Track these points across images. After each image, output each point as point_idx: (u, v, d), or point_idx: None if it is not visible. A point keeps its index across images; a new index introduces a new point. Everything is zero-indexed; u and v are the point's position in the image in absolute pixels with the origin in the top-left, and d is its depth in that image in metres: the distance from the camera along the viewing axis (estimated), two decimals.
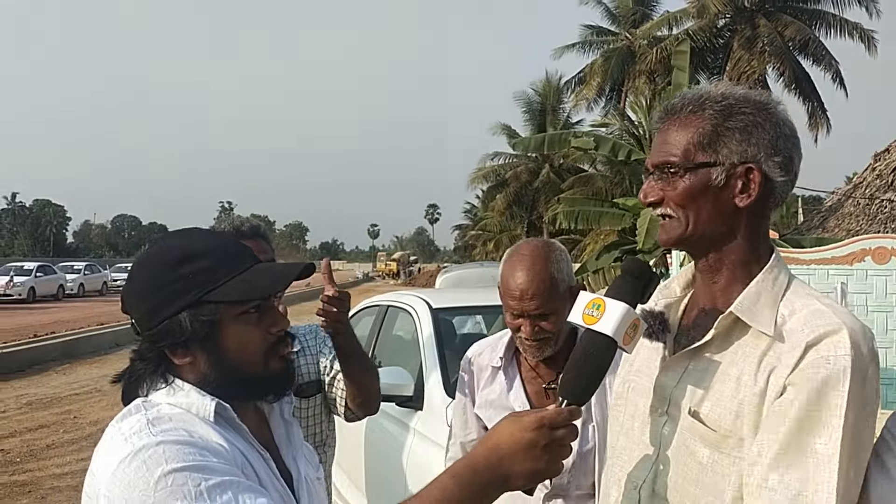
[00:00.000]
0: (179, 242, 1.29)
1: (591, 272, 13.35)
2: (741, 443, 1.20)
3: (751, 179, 1.26)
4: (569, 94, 31.96)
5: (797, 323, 1.22)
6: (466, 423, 2.16)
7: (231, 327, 1.24)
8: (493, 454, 1.14)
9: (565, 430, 1.16)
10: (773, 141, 1.26)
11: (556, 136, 14.30)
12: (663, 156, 1.30)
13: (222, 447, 1.17)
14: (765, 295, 1.27)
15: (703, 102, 1.29)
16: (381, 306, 5.35)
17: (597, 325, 1.22)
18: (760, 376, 1.21)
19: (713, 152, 1.27)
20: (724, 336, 1.28)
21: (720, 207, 1.28)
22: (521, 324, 1.95)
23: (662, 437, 1.33)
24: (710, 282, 1.35)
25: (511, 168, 35.76)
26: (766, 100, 1.30)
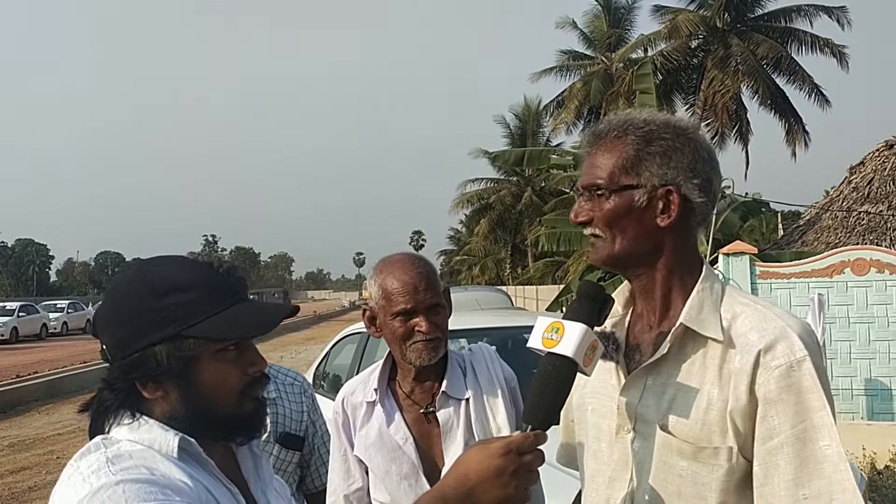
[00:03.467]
0: (163, 271, 1.24)
1: (574, 293, 13.37)
2: (717, 451, 1.27)
3: (671, 201, 1.34)
4: (548, 117, 32.22)
5: (742, 326, 1.30)
6: (349, 472, 2.02)
7: (208, 364, 1.19)
8: (462, 483, 1.13)
9: (532, 456, 1.16)
10: (692, 164, 1.35)
11: (535, 152, 14.41)
12: (591, 178, 1.38)
13: (185, 484, 1.13)
14: (707, 303, 1.34)
15: (627, 128, 1.37)
16: (363, 333, 5.34)
17: (556, 347, 1.23)
18: (723, 385, 1.27)
19: (636, 175, 1.35)
20: (678, 348, 1.34)
21: (644, 227, 1.35)
22: (416, 323, 1.90)
23: (634, 453, 1.35)
24: (648, 297, 1.42)
25: (494, 192, 35.93)
26: (685, 126, 1.38)
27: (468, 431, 1.94)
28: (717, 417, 1.27)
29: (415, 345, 1.92)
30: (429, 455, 1.96)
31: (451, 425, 1.95)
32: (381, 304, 1.95)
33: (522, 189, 34.49)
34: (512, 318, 5.52)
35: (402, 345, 1.94)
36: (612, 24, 29.25)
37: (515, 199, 34.85)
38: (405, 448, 1.94)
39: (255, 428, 1.28)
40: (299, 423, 2.39)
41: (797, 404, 1.22)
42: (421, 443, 1.96)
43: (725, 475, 1.26)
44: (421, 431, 1.97)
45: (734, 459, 1.26)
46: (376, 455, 1.96)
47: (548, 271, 27.99)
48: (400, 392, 2.02)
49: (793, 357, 1.23)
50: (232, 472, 1.27)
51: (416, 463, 1.93)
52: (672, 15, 24.07)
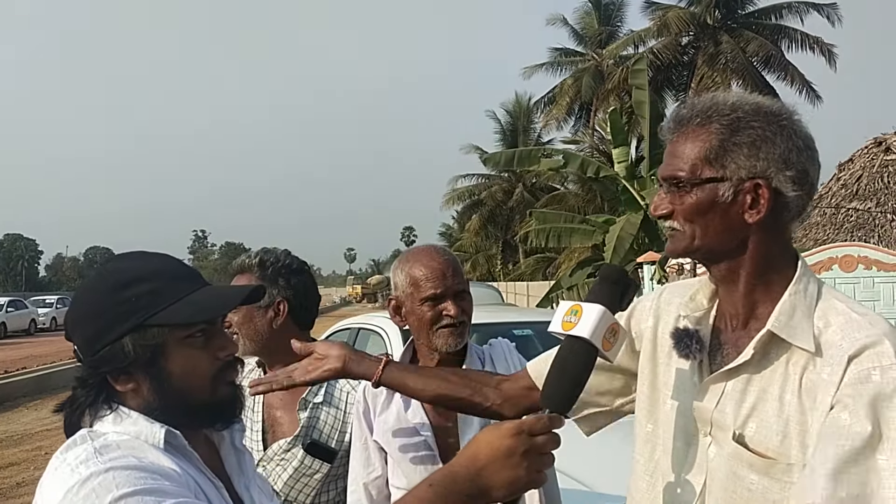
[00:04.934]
0: (123, 265, 1.26)
1: (565, 289, 13.44)
2: (790, 468, 1.17)
3: (760, 195, 1.22)
4: (539, 113, 32.29)
5: (834, 335, 1.19)
6: (369, 460, 2.05)
7: (176, 352, 1.21)
8: (472, 463, 1.12)
9: (545, 438, 1.13)
10: (785, 154, 1.22)
11: (525, 153, 14.37)
12: (671, 170, 1.28)
13: (174, 471, 1.14)
14: (800, 308, 1.23)
15: (711, 115, 1.25)
16: (353, 329, 5.34)
17: (574, 329, 1.19)
18: (805, 394, 1.18)
19: (720, 167, 1.23)
20: (762, 354, 1.24)
21: (728, 223, 1.24)
22: (444, 307, 1.95)
23: (709, 459, 1.28)
24: (729, 291, 1.32)
25: (485, 188, 35.94)
26: (778, 111, 1.25)
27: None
28: (797, 430, 1.17)
29: (442, 329, 1.97)
30: (445, 439, 2.01)
31: None
32: (408, 291, 2.00)
33: (514, 185, 34.51)
34: (502, 314, 5.52)
35: (429, 330, 1.99)
36: (602, 20, 29.33)
37: (507, 195, 34.87)
38: (422, 432, 1.99)
39: (233, 413, 1.28)
40: (337, 433, 2.25)
41: (870, 409, 1.10)
42: (437, 427, 2.01)
43: None
44: (438, 416, 2.02)
45: None
46: (394, 439, 2.01)
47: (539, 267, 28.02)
48: None
49: (878, 363, 1.12)
50: (215, 467, 1.28)
51: (433, 447, 1.98)
52: (662, 11, 24.13)
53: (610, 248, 11.70)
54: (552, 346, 2.31)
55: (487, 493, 1.11)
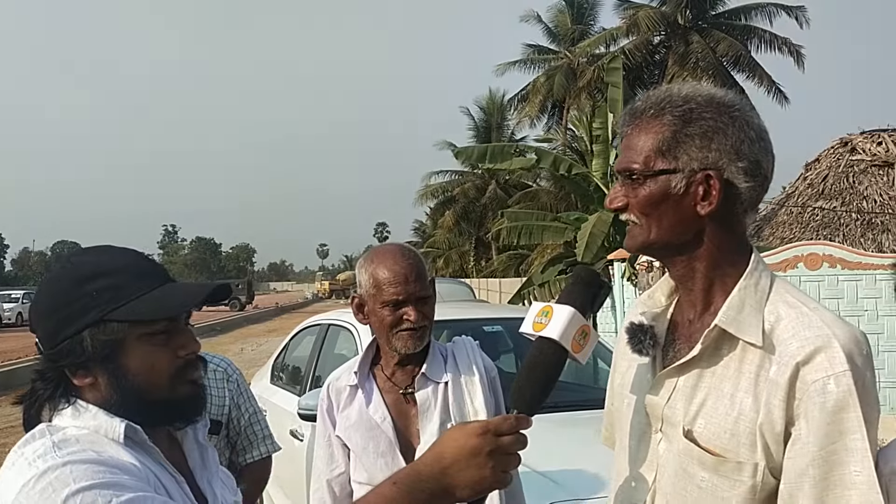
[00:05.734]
0: (88, 259, 1.26)
1: (537, 285, 13.49)
2: (740, 466, 1.17)
3: (711, 186, 1.22)
4: (512, 111, 32.35)
5: (784, 331, 1.19)
6: (332, 457, 2.08)
7: (136, 348, 1.20)
8: (437, 462, 1.11)
9: (512, 438, 1.13)
10: (737, 146, 1.22)
11: (498, 149, 14.34)
12: (626, 162, 1.28)
13: (134, 465, 1.13)
14: (749, 302, 1.23)
15: (664, 107, 1.25)
16: (322, 325, 5.31)
17: (544, 331, 1.19)
18: (758, 395, 1.18)
19: (672, 159, 1.23)
20: (713, 349, 1.24)
21: (682, 215, 1.24)
22: (405, 312, 1.97)
23: (659, 455, 1.29)
24: (686, 289, 1.32)
25: (458, 185, 35.97)
26: (730, 102, 1.26)
27: (445, 412, 2.01)
28: (748, 430, 1.17)
29: (401, 333, 1.99)
30: (405, 434, 2.04)
31: (428, 405, 2.03)
32: (370, 292, 2.01)
33: (487, 182, 34.56)
34: (473, 311, 5.53)
35: (388, 333, 2.00)
36: (575, 18, 29.45)
37: (480, 191, 34.90)
38: (383, 426, 2.01)
39: (194, 412, 1.27)
40: (220, 409, 2.60)
41: (829, 424, 1.11)
42: (398, 422, 2.04)
43: (748, 492, 1.17)
44: (399, 411, 2.05)
45: (759, 476, 1.16)
46: (355, 434, 2.03)
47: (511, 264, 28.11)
48: (381, 375, 2.10)
49: (831, 371, 1.12)
50: (178, 462, 1.27)
51: (393, 441, 2.00)
52: (633, 10, 24.30)
53: (582, 245, 11.76)
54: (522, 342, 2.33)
55: (452, 492, 1.12)
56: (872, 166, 11.71)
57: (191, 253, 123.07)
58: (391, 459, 1.99)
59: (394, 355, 2.05)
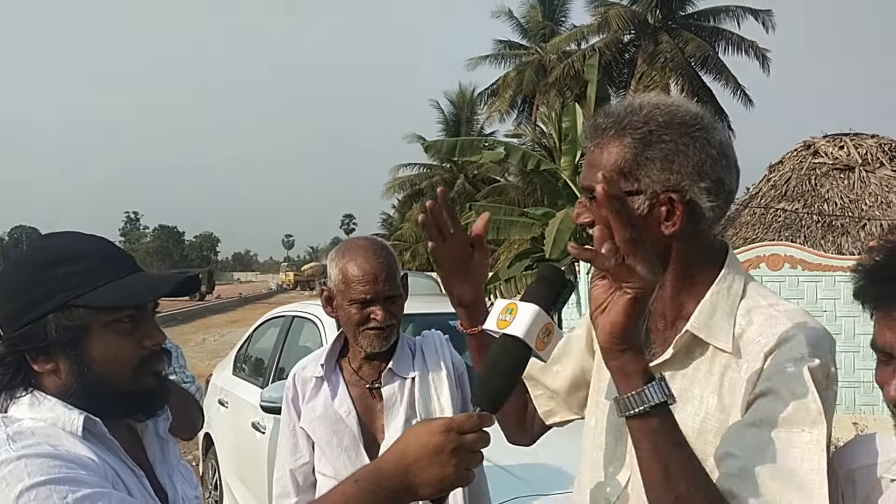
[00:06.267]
0: (54, 244, 1.23)
1: (503, 280, 13.52)
2: (705, 461, 1.17)
3: (675, 207, 1.23)
4: (482, 106, 32.38)
5: (754, 333, 1.21)
6: (296, 447, 2.08)
7: (100, 336, 1.17)
8: (400, 459, 1.10)
9: (475, 436, 1.12)
10: (699, 166, 1.22)
11: (467, 143, 14.31)
12: (589, 181, 1.27)
13: (91, 460, 1.11)
14: (720, 307, 1.25)
15: (625, 127, 1.25)
16: (287, 317, 5.26)
17: (509, 328, 1.19)
18: (723, 395, 1.20)
19: (634, 181, 1.23)
20: (685, 353, 1.26)
21: (647, 234, 1.23)
22: (371, 311, 1.95)
23: (633, 455, 1.27)
24: (659, 295, 1.32)
25: (427, 178, 35.91)
26: (691, 121, 1.25)
27: (411, 408, 2.01)
28: (714, 429, 1.20)
29: (367, 332, 1.98)
30: (370, 429, 2.03)
31: (394, 401, 2.02)
32: (339, 287, 1.99)
33: (455, 176, 34.53)
34: (438, 305, 5.51)
35: (355, 330, 1.99)
36: (546, 14, 29.53)
37: (448, 185, 34.73)
38: (347, 421, 2.00)
39: (156, 405, 1.25)
40: None
41: (786, 391, 1.14)
42: (363, 416, 2.03)
43: None
44: (364, 406, 2.04)
45: None
46: (320, 427, 2.02)
47: None
48: (348, 368, 2.09)
49: (792, 356, 1.16)
50: (137, 456, 1.25)
51: (357, 435, 1.99)
52: (605, 8, 24.44)
53: (549, 240, 11.80)
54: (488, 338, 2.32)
55: (414, 490, 1.10)
56: (834, 169, 11.92)
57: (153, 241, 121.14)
58: (354, 454, 1.98)
59: (360, 350, 2.04)
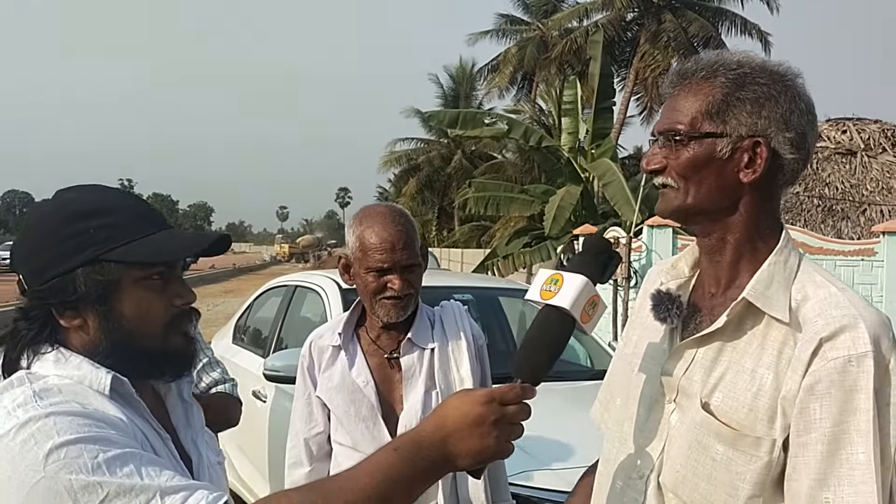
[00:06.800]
0: (83, 196, 1.18)
1: (501, 257, 13.50)
2: (758, 442, 1.16)
3: (757, 154, 1.20)
4: (482, 81, 32.17)
5: (811, 311, 1.18)
6: (311, 416, 2.04)
7: (130, 292, 1.13)
8: (440, 429, 1.07)
9: (516, 408, 1.09)
10: (786, 115, 1.20)
11: (469, 115, 14.19)
12: (669, 123, 1.24)
13: (120, 420, 1.07)
14: (777, 278, 1.21)
15: (717, 69, 1.23)
16: (289, 286, 5.21)
17: (553, 299, 1.15)
18: (780, 371, 1.17)
19: (721, 122, 1.21)
20: (737, 323, 1.22)
21: (723, 181, 1.22)
22: (388, 280, 1.91)
23: (671, 426, 1.27)
24: (713, 261, 1.29)
25: (423, 153, 35.74)
26: (784, 71, 1.23)
27: (430, 379, 1.97)
28: (767, 406, 1.16)
29: (384, 301, 1.93)
30: (388, 399, 1.99)
31: (413, 372, 1.98)
32: (356, 255, 1.94)
33: (452, 151, 34.38)
34: (442, 279, 5.48)
35: (372, 299, 1.94)
36: None
37: (445, 161, 34.72)
38: (365, 391, 1.96)
39: (184, 365, 1.22)
40: None
41: (844, 402, 1.11)
42: (382, 387, 1.99)
43: (763, 468, 1.15)
44: (382, 376, 2.00)
45: (776, 453, 1.15)
46: (337, 396, 1.98)
47: (473, 235, 28.12)
48: (366, 338, 2.04)
49: (854, 351, 1.11)
50: (161, 419, 1.21)
51: (376, 406, 1.95)
52: None
53: (550, 218, 11.78)
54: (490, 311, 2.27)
55: (453, 460, 1.07)
56: (836, 154, 11.90)
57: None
58: (372, 424, 1.95)
59: (378, 320, 2.00)
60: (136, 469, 0.99)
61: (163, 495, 0.97)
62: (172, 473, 1.01)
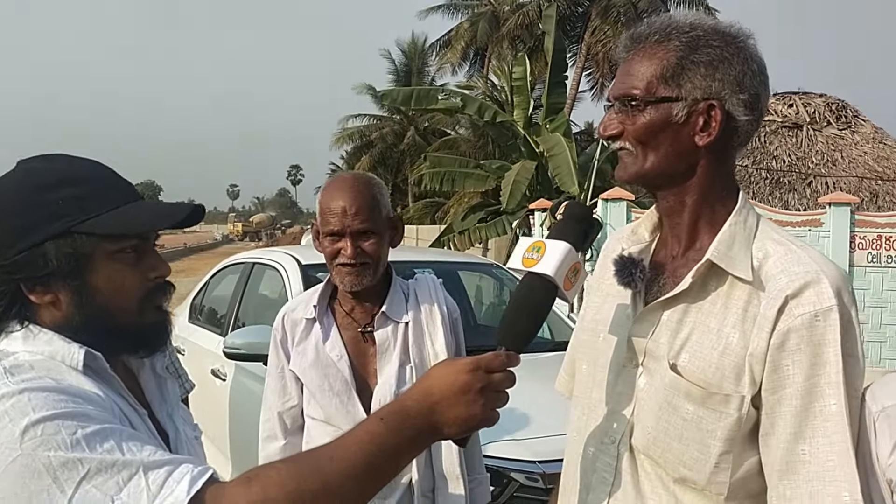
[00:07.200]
0: (51, 166, 1.13)
1: (457, 233, 13.51)
2: (727, 399, 1.18)
3: (712, 117, 1.22)
4: (434, 56, 31.94)
5: (773, 268, 1.20)
6: (284, 389, 2.03)
7: (103, 265, 1.09)
8: (426, 398, 1.07)
9: (502, 375, 1.10)
10: (740, 77, 1.21)
11: (423, 92, 14.05)
12: (625, 88, 1.25)
13: (97, 395, 1.04)
14: (739, 238, 1.24)
15: (670, 32, 1.23)
16: (246, 264, 5.14)
17: (536, 266, 1.16)
18: (746, 330, 1.19)
19: (676, 86, 1.22)
20: (701, 284, 1.24)
21: (679, 145, 1.23)
22: (341, 246, 1.90)
23: (639, 389, 1.28)
24: (673, 224, 1.31)
25: (376, 129, 35.44)
26: (735, 32, 1.24)
27: (404, 353, 1.96)
28: (734, 363, 1.18)
29: (339, 267, 1.91)
30: (362, 373, 1.97)
31: (387, 346, 1.96)
32: (318, 220, 1.95)
33: (405, 128, 34.16)
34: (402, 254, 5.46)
35: (330, 265, 1.94)
36: None
37: (398, 137, 34.48)
38: (339, 365, 1.95)
39: (159, 341, 1.19)
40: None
41: (814, 356, 1.14)
42: (356, 361, 1.98)
43: (733, 424, 1.18)
44: (357, 350, 1.98)
45: (745, 409, 1.18)
46: (310, 370, 1.96)
47: (427, 212, 28.07)
48: (340, 311, 2.02)
49: (819, 306, 1.14)
50: (135, 395, 1.18)
51: (349, 380, 1.94)
52: None
53: (506, 193, 11.80)
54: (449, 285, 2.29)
55: (439, 429, 1.08)
56: (783, 127, 12.15)
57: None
58: (346, 398, 1.93)
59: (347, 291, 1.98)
60: (116, 444, 0.96)
61: (146, 470, 0.95)
62: (154, 448, 0.99)
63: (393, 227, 1.99)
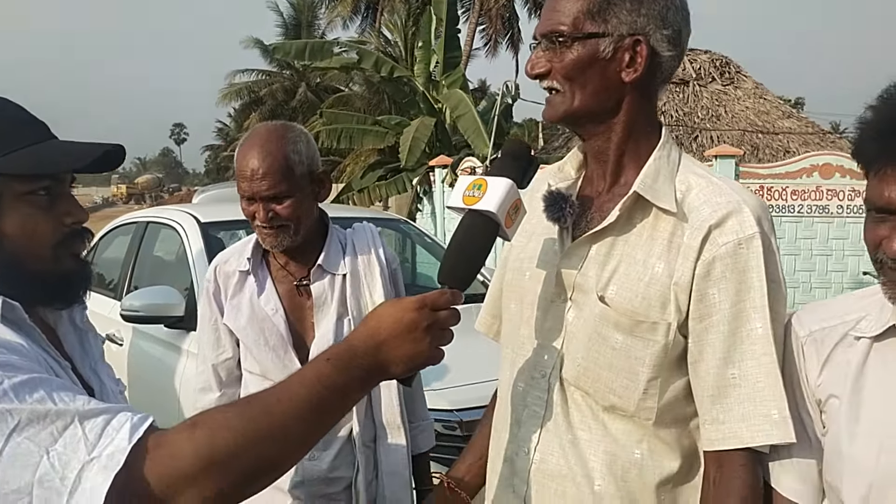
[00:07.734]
0: None
1: (356, 191, 13.35)
2: (655, 327, 1.22)
3: (638, 52, 1.23)
4: (324, 10, 31.13)
5: (696, 199, 1.24)
6: (219, 342, 1.96)
7: (13, 208, 1.01)
8: (373, 336, 1.06)
9: (447, 313, 1.10)
10: (663, 13, 1.23)
11: (317, 45, 13.66)
12: (552, 24, 1.24)
13: (21, 345, 0.96)
14: (663, 172, 1.26)
15: None
16: (139, 224, 4.88)
17: (479, 203, 1.16)
18: (670, 260, 1.22)
19: (602, 22, 1.22)
20: (627, 217, 1.27)
21: (606, 81, 1.24)
22: (255, 209, 1.81)
23: (568, 322, 1.30)
24: (599, 161, 1.33)
25: (265, 85, 34.35)
26: None
27: (342, 306, 1.90)
28: (659, 293, 1.22)
29: (259, 228, 1.83)
30: (299, 328, 1.91)
31: (324, 299, 1.90)
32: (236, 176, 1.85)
33: (297, 84, 33.26)
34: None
35: (251, 224, 1.85)
36: None
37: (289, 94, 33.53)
38: (274, 319, 1.88)
39: (77, 291, 1.12)
40: None
41: (739, 283, 1.19)
42: (292, 315, 1.91)
43: (661, 351, 1.22)
44: (293, 303, 1.92)
45: (671, 336, 1.22)
46: (246, 325, 1.89)
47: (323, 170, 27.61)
48: (275, 263, 1.94)
49: (742, 234, 1.19)
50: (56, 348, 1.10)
51: (285, 335, 1.88)
52: None
53: (405, 149, 11.71)
54: None
55: (386, 367, 1.06)
56: (670, 83, 12.56)
57: None
58: (283, 353, 1.87)
59: None
60: (47, 395, 0.89)
61: (81, 419, 0.88)
62: (87, 398, 0.92)
63: (317, 182, 1.88)
